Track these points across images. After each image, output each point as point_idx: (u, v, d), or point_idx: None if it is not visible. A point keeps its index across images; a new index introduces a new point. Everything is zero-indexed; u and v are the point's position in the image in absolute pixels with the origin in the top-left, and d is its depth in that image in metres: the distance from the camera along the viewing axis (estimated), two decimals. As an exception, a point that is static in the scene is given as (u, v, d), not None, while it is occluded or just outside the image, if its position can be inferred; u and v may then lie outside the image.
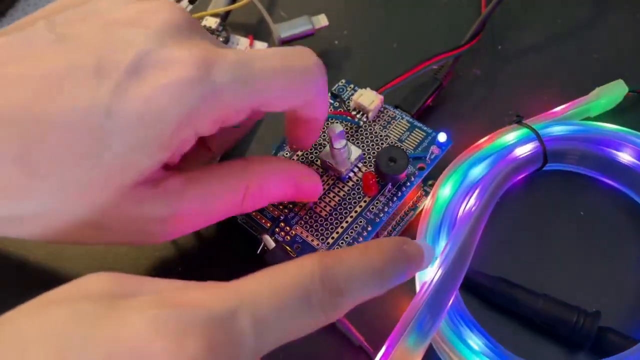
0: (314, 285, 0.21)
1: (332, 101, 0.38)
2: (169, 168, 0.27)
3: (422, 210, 0.35)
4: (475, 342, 0.30)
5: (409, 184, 0.34)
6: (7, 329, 0.18)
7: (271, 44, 0.42)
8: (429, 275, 0.30)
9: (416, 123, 0.36)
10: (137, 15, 0.25)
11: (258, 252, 0.33)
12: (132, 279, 0.20)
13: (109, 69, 0.23)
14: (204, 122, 0.25)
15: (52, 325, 0.18)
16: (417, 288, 0.32)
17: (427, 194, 0.36)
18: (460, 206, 0.34)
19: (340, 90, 0.38)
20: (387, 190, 0.34)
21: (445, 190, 0.34)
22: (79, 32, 0.24)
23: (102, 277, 0.20)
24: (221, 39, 0.41)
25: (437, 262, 0.30)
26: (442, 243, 0.32)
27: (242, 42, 0.42)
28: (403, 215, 0.36)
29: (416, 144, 0.36)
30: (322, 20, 0.42)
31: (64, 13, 0.25)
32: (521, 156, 0.35)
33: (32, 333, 0.18)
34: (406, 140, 0.36)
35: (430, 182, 0.36)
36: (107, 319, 0.18)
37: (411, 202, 0.36)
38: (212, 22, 0.41)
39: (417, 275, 0.32)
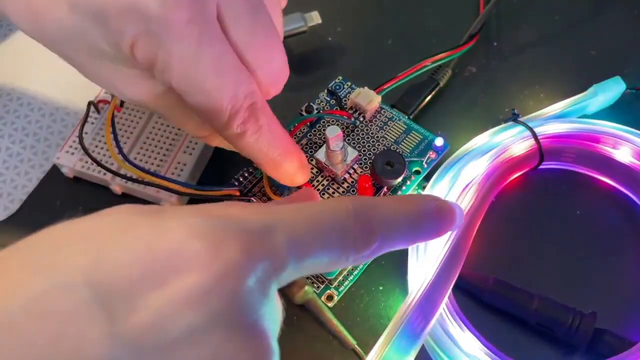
0: (349, 220, 0.20)
1: (328, 99, 0.37)
2: None
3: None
4: (469, 343, 0.28)
5: (404, 187, 0.33)
6: (44, 233, 0.18)
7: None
8: (421, 276, 0.29)
9: (413, 125, 0.35)
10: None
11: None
12: (152, 207, 0.20)
13: None
14: None
15: (87, 229, 0.18)
16: (410, 288, 0.31)
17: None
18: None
19: (337, 87, 0.37)
20: (382, 194, 0.33)
21: (439, 188, 0.33)
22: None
23: (126, 208, 0.20)
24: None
25: (429, 263, 0.29)
26: (436, 242, 0.31)
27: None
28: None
29: (413, 146, 0.34)
30: (315, 18, 0.40)
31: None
32: (517, 154, 0.33)
33: (69, 234, 0.18)
34: (403, 143, 0.34)
35: (424, 184, 0.35)
36: (145, 224, 0.18)
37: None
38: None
39: (410, 276, 0.31)
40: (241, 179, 0.34)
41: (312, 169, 0.34)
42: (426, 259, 0.30)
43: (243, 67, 0.25)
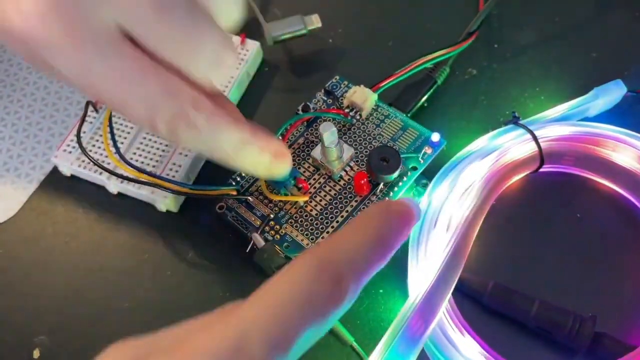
0: (315, 285, 0.19)
1: (325, 98, 0.36)
2: None
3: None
4: (469, 347, 0.28)
5: (400, 183, 0.32)
6: None
7: (263, 42, 0.40)
8: (421, 280, 0.28)
9: (410, 122, 0.35)
10: None
11: (247, 250, 0.32)
12: (145, 343, 0.19)
13: None
14: None
15: None
16: (410, 292, 0.30)
17: (419, 193, 0.34)
18: (455, 208, 0.32)
19: (334, 87, 0.37)
20: (378, 190, 0.32)
21: (439, 192, 0.32)
22: None
23: (119, 350, 0.19)
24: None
25: (429, 267, 0.28)
26: (436, 246, 0.30)
27: (234, 40, 0.40)
28: (396, 215, 0.34)
29: (409, 143, 0.34)
30: (315, 21, 0.40)
31: None
32: (517, 157, 0.33)
33: None
34: (399, 140, 0.34)
35: (423, 182, 0.34)
36: None
37: (404, 202, 0.34)
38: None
39: (410, 279, 0.30)
40: (238, 179, 0.33)
41: (308, 167, 0.33)
42: (426, 263, 0.30)
43: (158, 74, 0.24)
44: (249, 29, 0.42)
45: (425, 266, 0.30)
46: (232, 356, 0.17)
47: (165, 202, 0.34)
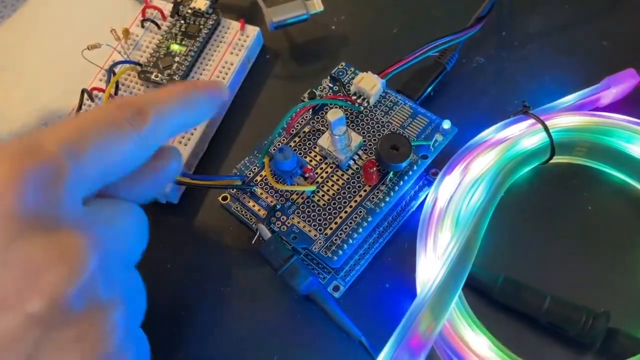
0: (117, 109, 0.21)
1: (331, 85, 0.35)
2: None
3: (424, 200, 0.32)
4: (479, 343, 0.27)
5: (411, 172, 0.31)
6: None
7: (263, 28, 0.38)
8: (431, 274, 0.27)
9: (419, 109, 0.33)
10: None
11: (253, 242, 0.30)
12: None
13: None
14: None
15: None
16: (418, 287, 0.29)
17: (429, 183, 0.33)
18: (464, 200, 0.30)
19: (340, 73, 0.35)
20: (388, 179, 0.31)
21: (448, 183, 0.31)
22: None
23: None
24: (211, 22, 0.37)
25: (439, 261, 0.27)
26: (445, 239, 0.29)
27: (233, 25, 0.38)
28: (404, 205, 0.32)
29: (419, 131, 0.32)
30: (317, 5, 0.38)
31: None
32: (527, 148, 0.32)
33: None
34: (409, 127, 0.33)
35: (432, 171, 0.33)
36: None
37: (413, 192, 0.33)
38: (201, 4, 0.38)
39: (418, 274, 0.29)
40: (242, 168, 0.32)
41: (315, 156, 0.32)
42: (435, 257, 0.29)
43: None
44: (249, 14, 0.40)
45: (434, 260, 0.29)
46: (28, 148, 0.19)
47: (165, 193, 0.32)
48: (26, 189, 0.18)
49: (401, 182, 0.31)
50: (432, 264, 0.29)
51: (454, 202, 0.30)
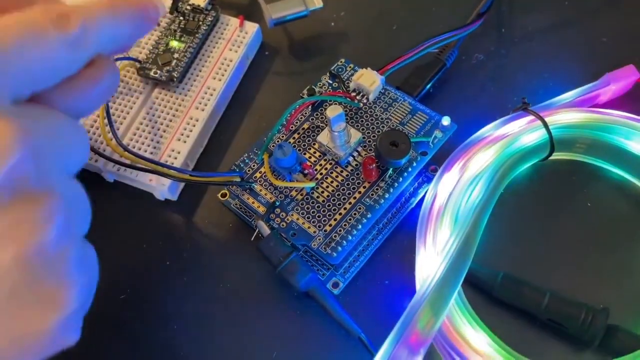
0: (40, 12, 0.20)
1: (330, 81, 0.35)
2: None
3: (423, 197, 0.31)
4: (478, 340, 0.27)
5: (410, 169, 0.31)
6: None
7: (263, 25, 0.38)
8: (430, 271, 0.27)
9: (419, 106, 0.33)
10: None
11: (252, 238, 0.30)
12: None
13: None
14: None
15: None
16: (417, 283, 0.29)
17: (429, 179, 0.33)
18: (463, 197, 0.30)
19: (340, 70, 0.35)
20: (387, 176, 0.31)
21: (447, 180, 0.31)
22: None
23: None
24: (210, 19, 0.37)
25: (439, 257, 0.27)
26: (445, 236, 0.29)
27: (232, 22, 0.38)
28: (404, 202, 0.32)
29: (418, 127, 0.32)
30: (316, 2, 0.38)
31: None
32: (527, 145, 0.31)
33: None
34: (408, 124, 0.32)
35: (432, 168, 0.33)
36: None
37: (412, 188, 0.33)
38: (200, 0, 0.37)
39: (417, 269, 0.29)
40: (242, 165, 0.32)
41: (314, 152, 0.32)
42: (434, 253, 0.29)
43: None
44: (248, 10, 0.40)
45: (433, 257, 0.29)
46: None
47: (164, 190, 0.32)
48: None
49: (400, 179, 0.31)
50: (431, 261, 0.29)
51: (454, 198, 0.30)
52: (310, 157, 0.32)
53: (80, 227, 0.21)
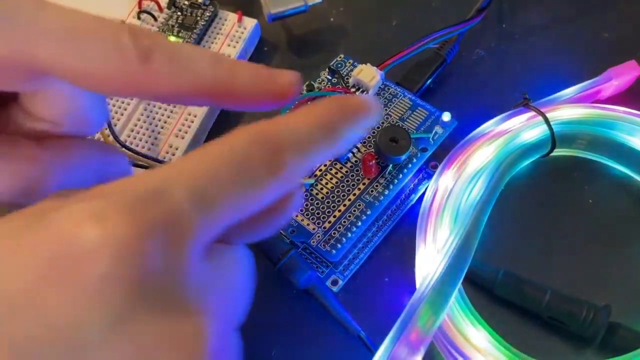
0: (251, 148, 0.17)
1: (329, 77, 0.34)
2: None
3: (423, 193, 0.31)
4: (479, 338, 0.26)
5: (410, 165, 0.31)
6: None
7: (262, 20, 0.38)
8: (430, 268, 0.27)
9: (419, 101, 0.33)
10: None
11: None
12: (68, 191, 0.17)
13: None
14: None
15: None
16: (417, 281, 0.28)
17: (429, 176, 0.32)
18: (464, 194, 0.30)
19: (339, 65, 0.35)
20: (387, 172, 0.30)
21: (447, 176, 0.30)
22: None
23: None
24: (208, 14, 0.37)
25: (439, 255, 0.27)
26: (445, 233, 0.29)
27: (231, 17, 0.37)
28: (404, 199, 0.32)
29: (419, 123, 0.32)
30: None
31: None
32: (528, 141, 0.31)
33: None
34: (408, 120, 0.32)
35: (432, 164, 0.33)
36: (33, 226, 0.15)
37: (412, 185, 0.32)
38: (198, -6, 0.37)
39: (417, 267, 0.29)
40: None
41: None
42: (434, 251, 0.28)
43: None
44: (247, 6, 0.40)
45: (433, 254, 0.28)
46: (151, 202, 0.15)
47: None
48: (148, 253, 0.14)
49: (400, 175, 0.30)
50: (431, 258, 0.28)
51: (454, 195, 0.30)
52: (309, 154, 0.31)
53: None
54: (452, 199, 0.30)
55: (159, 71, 0.18)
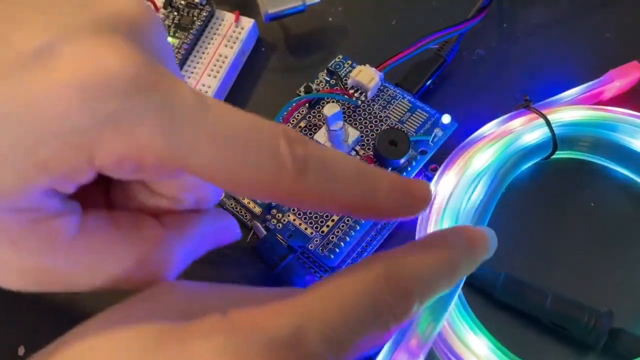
0: (382, 292, 0.18)
1: (328, 78, 0.34)
2: (68, 200, 0.18)
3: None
4: (479, 344, 0.26)
5: (409, 168, 0.30)
6: (74, 350, 0.16)
7: (258, 20, 0.37)
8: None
9: (418, 103, 0.32)
10: None
11: (248, 239, 0.29)
12: (195, 294, 0.18)
13: (4, 41, 0.15)
14: (106, 156, 0.15)
15: (116, 353, 0.16)
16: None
17: (429, 179, 0.32)
18: (464, 197, 0.30)
19: (337, 66, 0.34)
20: (385, 176, 0.30)
21: (448, 179, 0.30)
22: None
23: (170, 291, 0.18)
24: (204, 14, 0.36)
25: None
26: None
27: (228, 17, 0.37)
28: (402, 203, 0.32)
29: (418, 125, 0.31)
30: None
31: None
32: (529, 143, 0.31)
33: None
34: (407, 122, 0.32)
35: (432, 167, 0.32)
36: (172, 350, 0.16)
37: (411, 189, 0.32)
38: (196, -7, 0.37)
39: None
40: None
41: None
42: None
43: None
44: (244, 5, 0.39)
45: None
46: (288, 347, 0.16)
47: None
48: None
49: (400, 178, 0.30)
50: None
51: (454, 198, 0.29)
52: (307, 156, 0.31)
53: None
54: (452, 203, 0.29)
55: (310, 186, 0.17)
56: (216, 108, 0.16)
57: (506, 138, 0.31)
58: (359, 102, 0.32)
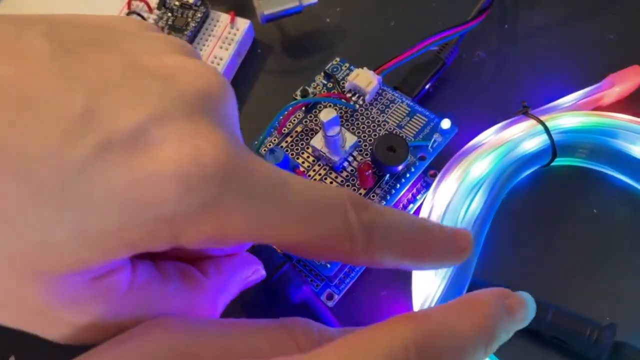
0: (410, 356, 0.17)
1: (325, 81, 0.33)
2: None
3: (421, 204, 0.30)
4: (479, 357, 0.25)
5: (408, 175, 0.29)
6: None
7: (254, 21, 0.37)
8: (429, 289, 0.26)
9: (417, 107, 0.31)
10: (174, 68, 0.17)
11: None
12: (190, 337, 0.17)
13: (103, 119, 0.15)
14: (193, 236, 0.16)
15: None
16: (414, 294, 0.27)
17: (427, 185, 0.31)
18: (462, 206, 0.29)
19: (334, 69, 0.33)
20: (384, 182, 0.29)
21: (446, 187, 0.29)
22: (87, 56, 0.16)
23: (161, 333, 0.17)
24: (199, 15, 0.35)
25: (437, 277, 0.26)
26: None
27: (223, 18, 0.36)
28: (401, 209, 0.31)
29: (417, 130, 0.31)
30: None
31: (77, 29, 0.17)
32: (528, 151, 0.30)
33: None
34: (406, 127, 0.31)
35: (431, 172, 0.31)
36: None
37: (410, 194, 0.31)
38: (190, -6, 0.36)
39: (414, 281, 0.27)
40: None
41: (307, 157, 0.30)
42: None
43: None
44: (239, 6, 0.38)
45: (431, 272, 0.27)
46: None
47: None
48: None
49: (398, 185, 0.29)
50: (429, 271, 0.27)
51: (452, 207, 0.29)
52: (303, 162, 0.30)
53: None
54: (450, 211, 0.29)
55: (374, 251, 0.18)
56: (295, 185, 0.17)
57: (505, 145, 0.30)
58: (357, 106, 0.31)
